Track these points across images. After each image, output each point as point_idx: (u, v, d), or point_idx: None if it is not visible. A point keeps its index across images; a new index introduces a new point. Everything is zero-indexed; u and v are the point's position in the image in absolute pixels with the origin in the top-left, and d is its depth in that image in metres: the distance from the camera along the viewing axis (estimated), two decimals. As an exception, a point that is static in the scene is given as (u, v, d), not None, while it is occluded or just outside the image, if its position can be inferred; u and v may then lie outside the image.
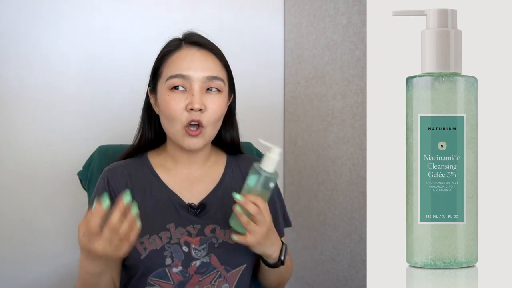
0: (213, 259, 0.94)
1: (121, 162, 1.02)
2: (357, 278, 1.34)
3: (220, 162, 1.04)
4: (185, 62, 0.93)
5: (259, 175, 0.85)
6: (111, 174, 0.98)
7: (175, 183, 0.99)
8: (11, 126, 1.43)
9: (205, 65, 0.94)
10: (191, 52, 0.95)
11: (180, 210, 0.96)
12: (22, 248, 1.46)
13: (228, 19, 1.61)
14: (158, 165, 1.00)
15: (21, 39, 1.42)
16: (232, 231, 0.89)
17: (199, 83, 0.92)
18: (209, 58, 0.95)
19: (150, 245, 0.92)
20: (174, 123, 0.92)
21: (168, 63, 0.95)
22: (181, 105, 0.91)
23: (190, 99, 0.91)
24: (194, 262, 0.93)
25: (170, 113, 0.92)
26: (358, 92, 1.31)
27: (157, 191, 0.97)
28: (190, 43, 0.96)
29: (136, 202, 0.79)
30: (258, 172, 0.85)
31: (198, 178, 1.00)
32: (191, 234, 0.94)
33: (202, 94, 0.92)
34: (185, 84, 0.92)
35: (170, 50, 0.96)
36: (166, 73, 0.94)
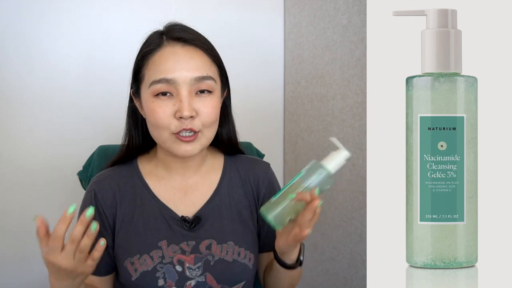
0: (209, 278, 0.87)
1: (109, 172, 0.94)
2: (357, 278, 1.34)
3: (216, 166, 0.96)
4: (168, 63, 0.82)
5: (322, 175, 0.78)
6: (98, 187, 0.91)
7: (168, 193, 0.91)
8: (11, 126, 1.43)
9: (192, 65, 0.83)
10: (174, 50, 0.83)
11: (172, 225, 0.88)
12: (22, 248, 1.46)
13: (228, 19, 1.61)
14: (148, 173, 0.93)
15: (21, 39, 1.42)
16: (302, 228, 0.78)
17: (187, 86, 0.82)
18: (195, 55, 0.84)
19: (141, 266, 0.86)
20: (162, 131, 0.83)
21: (149, 64, 0.84)
22: (168, 112, 0.81)
23: (178, 105, 0.81)
24: (189, 282, 0.87)
25: (157, 122, 0.82)
26: (358, 92, 1.31)
27: (147, 204, 0.90)
28: (173, 39, 0.84)
29: (96, 222, 0.74)
30: (322, 172, 0.78)
31: (192, 186, 0.92)
32: (185, 252, 0.88)
33: (191, 98, 0.82)
34: (170, 89, 0.82)
35: (151, 49, 0.85)
36: (149, 76, 0.83)
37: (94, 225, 0.73)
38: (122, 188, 0.91)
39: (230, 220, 0.92)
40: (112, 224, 0.90)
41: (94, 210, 0.77)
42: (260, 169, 0.99)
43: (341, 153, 0.79)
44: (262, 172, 0.98)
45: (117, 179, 0.92)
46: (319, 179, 0.78)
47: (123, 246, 0.89)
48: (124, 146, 0.94)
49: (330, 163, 0.79)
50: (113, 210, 0.90)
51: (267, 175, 0.99)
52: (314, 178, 0.78)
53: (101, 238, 0.75)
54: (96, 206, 0.88)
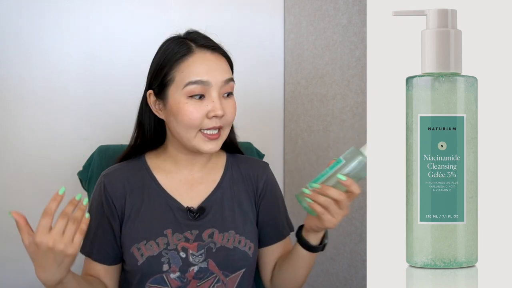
0: (211, 264, 0.93)
1: (118, 166, 1.00)
2: (357, 278, 1.34)
3: (220, 163, 1.04)
4: (203, 67, 0.90)
5: (361, 162, 0.82)
6: (108, 179, 0.97)
7: (174, 186, 0.98)
8: (11, 126, 1.43)
9: (221, 69, 0.92)
10: (205, 56, 0.92)
11: (178, 215, 0.95)
12: (22, 248, 1.45)
13: (228, 18, 1.61)
14: (156, 167, 0.99)
15: (21, 39, 1.42)
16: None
17: (218, 88, 0.91)
18: (222, 61, 0.94)
19: (147, 251, 0.92)
20: (192, 130, 0.91)
21: (182, 68, 0.91)
22: (202, 113, 0.90)
23: (212, 106, 0.90)
24: (192, 268, 0.93)
25: (190, 121, 0.90)
26: (358, 92, 1.31)
27: (154, 195, 0.97)
28: (202, 46, 0.93)
29: (86, 197, 0.82)
30: (362, 158, 0.82)
31: (198, 180, 0.99)
32: (188, 240, 0.94)
33: (220, 99, 0.91)
34: (204, 90, 0.90)
35: (183, 54, 0.91)
36: (182, 79, 0.90)
37: (86, 200, 0.80)
38: (131, 180, 0.97)
39: (231, 211, 0.98)
40: (121, 214, 0.95)
41: (104, 202, 0.93)
42: (259, 167, 1.06)
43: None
44: (260, 170, 1.06)
45: (126, 172, 0.98)
46: (359, 166, 0.82)
47: (130, 234, 0.94)
48: (134, 143, 1.01)
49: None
50: (122, 201, 0.96)
51: (265, 172, 1.06)
52: (354, 166, 0.82)
53: (86, 212, 0.80)
54: (105, 198, 0.96)
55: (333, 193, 0.82)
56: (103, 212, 0.95)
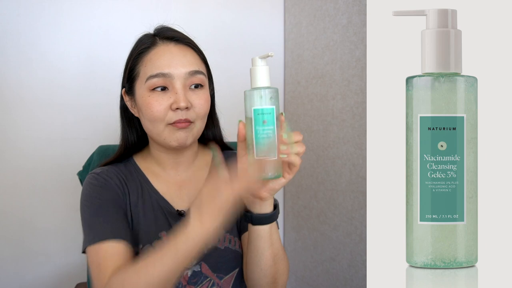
0: (204, 267, 0.91)
1: (108, 167, 0.95)
2: (357, 278, 1.34)
3: (208, 162, 1.00)
4: (163, 60, 0.88)
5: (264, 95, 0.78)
6: (106, 175, 0.92)
7: (165, 188, 0.95)
8: (11, 126, 1.43)
9: (185, 60, 0.88)
10: (168, 48, 0.89)
11: (170, 218, 0.93)
12: (22, 248, 1.46)
13: (228, 19, 1.61)
14: (146, 169, 0.96)
15: (21, 38, 1.42)
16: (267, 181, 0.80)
17: (181, 80, 0.87)
18: (187, 52, 0.90)
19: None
20: (158, 124, 0.87)
21: (145, 61, 0.89)
22: (164, 105, 0.86)
23: (174, 97, 0.86)
24: (186, 272, 0.90)
25: (153, 115, 0.86)
26: (358, 92, 1.31)
27: (149, 196, 0.94)
28: (166, 39, 0.90)
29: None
30: (263, 93, 0.78)
31: (186, 181, 0.96)
32: None
33: (186, 91, 0.87)
34: (166, 83, 0.87)
35: (146, 47, 0.90)
36: (145, 72, 0.88)
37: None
38: (129, 178, 0.94)
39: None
40: (126, 206, 0.92)
41: (108, 188, 0.86)
42: None
43: (257, 60, 0.81)
44: None
45: (121, 173, 0.94)
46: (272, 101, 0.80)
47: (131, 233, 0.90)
48: (121, 146, 0.98)
49: (257, 81, 0.80)
50: (127, 198, 0.92)
51: None
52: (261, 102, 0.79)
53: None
54: (111, 187, 0.91)
55: (295, 137, 0.81)
56: (107, 197, 0.89)
